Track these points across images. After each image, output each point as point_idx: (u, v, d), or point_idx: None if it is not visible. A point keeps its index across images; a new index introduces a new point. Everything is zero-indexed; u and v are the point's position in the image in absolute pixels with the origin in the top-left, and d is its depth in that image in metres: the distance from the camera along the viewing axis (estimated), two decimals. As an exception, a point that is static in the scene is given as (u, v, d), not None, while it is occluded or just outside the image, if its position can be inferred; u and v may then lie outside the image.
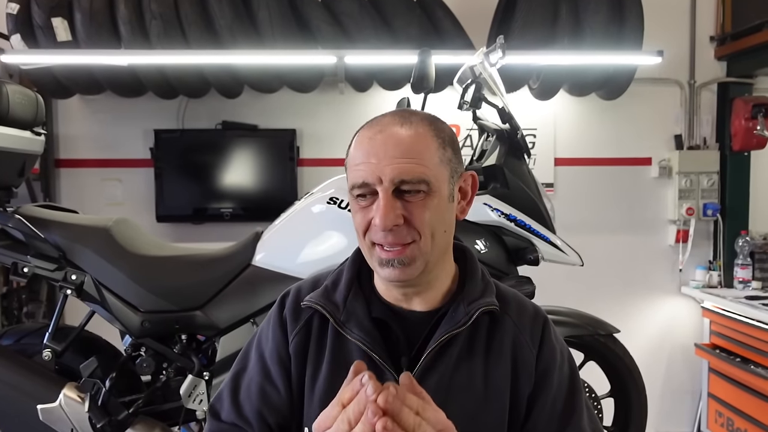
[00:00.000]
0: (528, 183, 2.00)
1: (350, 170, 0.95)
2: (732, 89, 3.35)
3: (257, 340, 1.07)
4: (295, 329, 1.01)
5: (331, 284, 1.02)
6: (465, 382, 0.95)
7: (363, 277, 1.03)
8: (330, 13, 2.77)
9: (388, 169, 0.89)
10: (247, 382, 1.05)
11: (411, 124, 0.93)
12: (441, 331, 0.94)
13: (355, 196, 0.94)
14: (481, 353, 0.97)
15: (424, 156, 0.91)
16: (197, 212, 3.21)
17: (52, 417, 1.86)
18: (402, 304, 0.99)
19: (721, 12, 3.35)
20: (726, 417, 3.05)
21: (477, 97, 2.01)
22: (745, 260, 3.25)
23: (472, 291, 0.99)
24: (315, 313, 1.01)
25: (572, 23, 2.82)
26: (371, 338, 0.95)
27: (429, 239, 0.92)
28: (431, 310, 0.98)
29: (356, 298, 0.99)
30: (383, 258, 0.92)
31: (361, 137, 0.95)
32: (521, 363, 0.98)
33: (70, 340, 1.96)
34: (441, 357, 0.94)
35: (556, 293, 2.24)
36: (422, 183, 0.90)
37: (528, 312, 1.03)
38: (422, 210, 0.91)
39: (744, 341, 2.92)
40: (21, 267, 1.94)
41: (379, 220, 0.89)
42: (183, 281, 1.98)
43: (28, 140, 2.06)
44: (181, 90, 3.02)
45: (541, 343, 1.00)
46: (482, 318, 0.97)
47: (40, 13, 2.68)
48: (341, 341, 0.98)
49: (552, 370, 0.99)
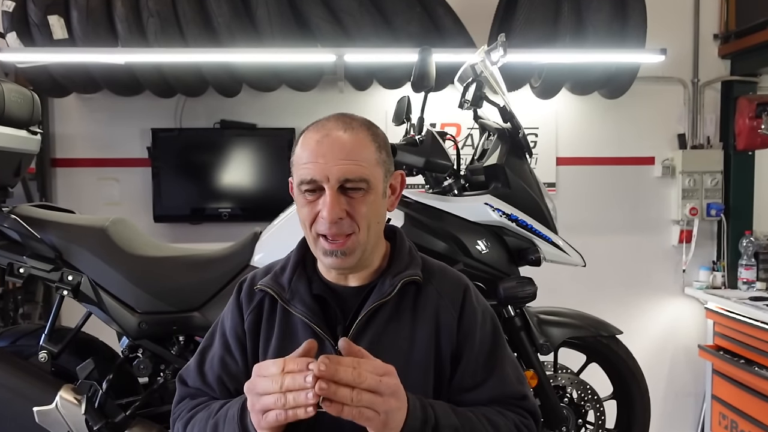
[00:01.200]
0: (530, 183, 2.00)
1: (298, 168, 1.09)
2: (736, 88, 3.35)
3: (221, 321, 1.24)
4: (248, 309, 1.18)
5: (280, 269, 1.20)
6: (391, 343, 1.10)
7: (308, 260, 1.20)
8: (329, 10, 2.76)
9: (335, 169, 1.05)
10: (210, 355, 1.21)
11: (353, 130, 1.09)
12: (370, 302, 1.11)
13: (302, 191, 1.08)
14: (406, 319, 1.13)
15: (364, 158, 1.07)
16: (195, 212, 3.21)
17: (48, 419, 1.86)
18: (339, 282, 1.16)
19: (725, 10, 3.35)
20: (730, 419, 3.05)
21: (478, 96, 2.01)
22: (749, 261, 3.24)
23: (398, 266, 1.15)
24: (266, 295, 1.17)
25: (574, 21, 2.81)
26: (312, 312, 1.12)
27: (366, 231, 1.08)
28: (363, 285, 1.15)
29: (300, 279, 1.16)
30: (327, 249, 1.08)
31: (307, 139, 1.10)
32: (443, 325, 1.13)
33: (66, 341, 1.96)
34: (370, 324, 1.10)
35: (558, 294, 2.24)
36: (363, 181, 1.06)
37: (450, 280, 1.19)
38: (362, 205, 1.07)
39: (748, 343, 2.92)
40: (17, 268, 1.94)
41: (327, 213, 1.05)
42: (181, 282, 1.98)
43: (24, 139, 2.06)
44: (179, 89, 3.02)
45: (462, 306, 1.16)
46: (408, 288, 1.13)
47: (36, 11, 2.68)
48: (287, 316, 1.15)
49: (473, 330, 1.15)
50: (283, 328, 1.15)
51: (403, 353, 1.10)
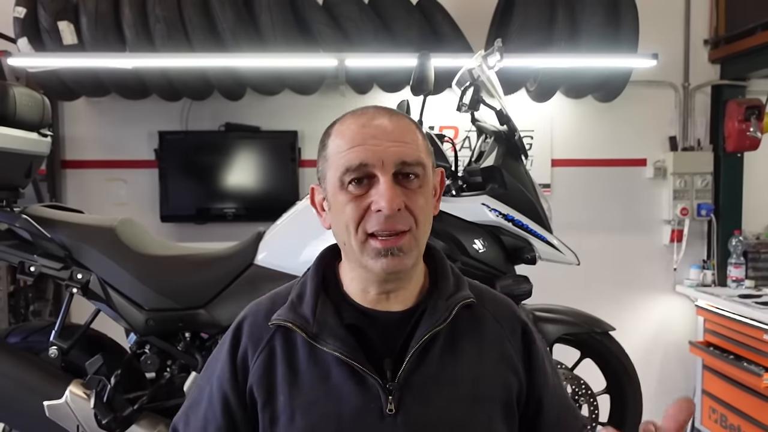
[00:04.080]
0: (525, 183, 2.00)
1: (337, 157, 0.88)
2: (725, 91, 3.35)
3: (211, 362, 1.01)
4: (255, 355, 0.94)
5: (297, 297, 0.95)
6: (451, 379, 0.92)
7: (329, 283, 0.97)
8: (331, 16, 2.77)
9: (390, 151, 0.86)
10: (196, 402, 1.00)
11: (397, 116, 0.92)
12: (423, 329, 0.91)
13: (346, 184, 0.87)
14: (465, 349, 0.94)
15: (417, 142, 0.90)
16: (200, 212, 3.21)
17: (58, 413, 1.86)
18: (377, 306, 0.93)
19: (715, 16, 3.35)
20: (720, 413, 3.05)
21: (475, 99, 2.01)
22: (739, 259, 3.25)
23: (446, 286, 0.96)
24: (276, 332, 0.94)
25: (569, 26, 2.82)
26: (348, 346, 0.89)
27: (423, 228, 0.90)
28: (407, 309, 0.94)
29: (325, 307, 0.93)
30: (380, 248, 0.86)
31: (345, 128, 0.90)
32: (507, 356, 0.96)
33: (76, 337, 1.96)
34: (424, 357, 0.91)
35: (552, 292, 2.23)
36: (419, 165, 0.88)
37: (504, 306, 1.03)
38: (418, 196, 0.88)
39: (737, 339, 2.92)
40: (28, 266, 1.94)
41: (386, 202, 0.84)
42: (186, 280, 1.97)
43: (34, 142, 2.06)
44: (185, 92, 3.02)
45: (525, 338, 1.00)
46: (461, 313, 0.94)
47: (46, 17, 2.68)
48: (315, 354, 0.91)
49: (544, 366, 1.00)
50: (312, 369, 0.91)
51: (467, 389, 0.92)
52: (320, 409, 0.88)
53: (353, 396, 0.88)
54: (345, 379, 0.89)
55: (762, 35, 2.98)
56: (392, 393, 0.88)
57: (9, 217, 1.94)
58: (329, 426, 0.86)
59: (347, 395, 0.88)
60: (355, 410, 0.88)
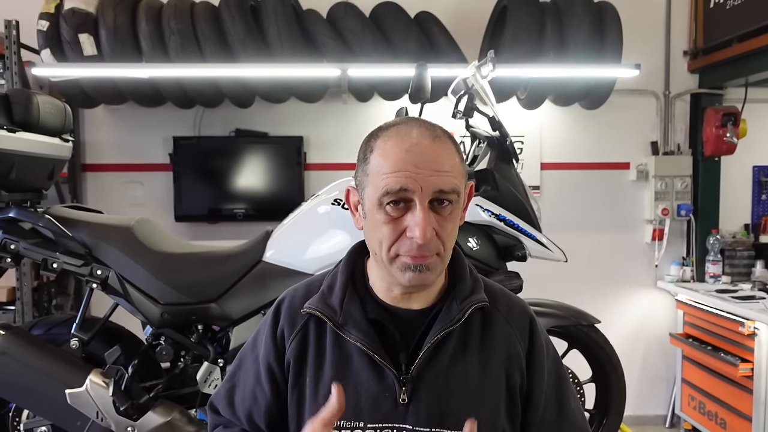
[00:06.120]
0: (516, 186, 2.00)
1: (379, 178, 0.86)
2: (703, 99, 3.35)
3: (253, 343, 1.04)
4: (292, 335, 0.97)
5: (327, 289, 0.98)
6: (461, 374, 0.93)
7: (357, 279, 0.99)
8: (334, 29, 2.77)
9: (430, 180, 0.85)
10: (241, 383, 1.03)
11: (440, 139, 0.89)
12: (437, 328, 0.92)
13: (384, 204, 0.86)
14: (475, 348, 0.95)
15: (455, 169, 0.89)
16: (212, 212, 3.21)
17: (79, 401, 1.86)
18: (399, 304, 0.95)
19: (694, 28, 3.35)
20: (698, 401, 3.05)
21: (469, 107, 2.01)
22: (716, 257, 3.25)
23: (463, 288, 0.96)
24: (311, 317, 0.97)
25: (557, 39, 2.82)
26: (369, 339, 0.92)
27: (449, 249, 0.91)
28: (426, 308, 0.95)
29: (352, 300, 0.95)
30: (409, 264, 0.87)
31: (389, 147, 0.87)
32: (513, 355, 0.97)
33: (95, 330, 1.96)
34: (437, 353, 0.92)
35: (542, 287, 2.23)
36: (454, 193, 0.87)
37: (516, 307, 1.02)
38: (448, 222, 0.88)
39: (715, 331, 2.92)
40: (50, 263, 1.94)
41: (420, 233, 0.84)
42: (199, 276, 1.98)
43: (57, 146, 2.07)
44: (198, 100, 3.03)
45: (531, 336, 0.99)
46: (474, 314, 0.95)
47: (68, 30, 2.68)
48: (340, 342, 0.95)
49: (543, 363, 0.99)
50: (336, 355, 0.95)
51: (474, 385, 0.93)
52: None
53: (371, 383, 0.92)
54: (364, 367, 0.92)
55: (738, 47, 2.98)
56: (406, 384, 0.90)
57: (33, 217, 1.94)
58: (348, 408, 0.87)
59: (365, 382, 0.92)
60: (372, 396, 0.91)
